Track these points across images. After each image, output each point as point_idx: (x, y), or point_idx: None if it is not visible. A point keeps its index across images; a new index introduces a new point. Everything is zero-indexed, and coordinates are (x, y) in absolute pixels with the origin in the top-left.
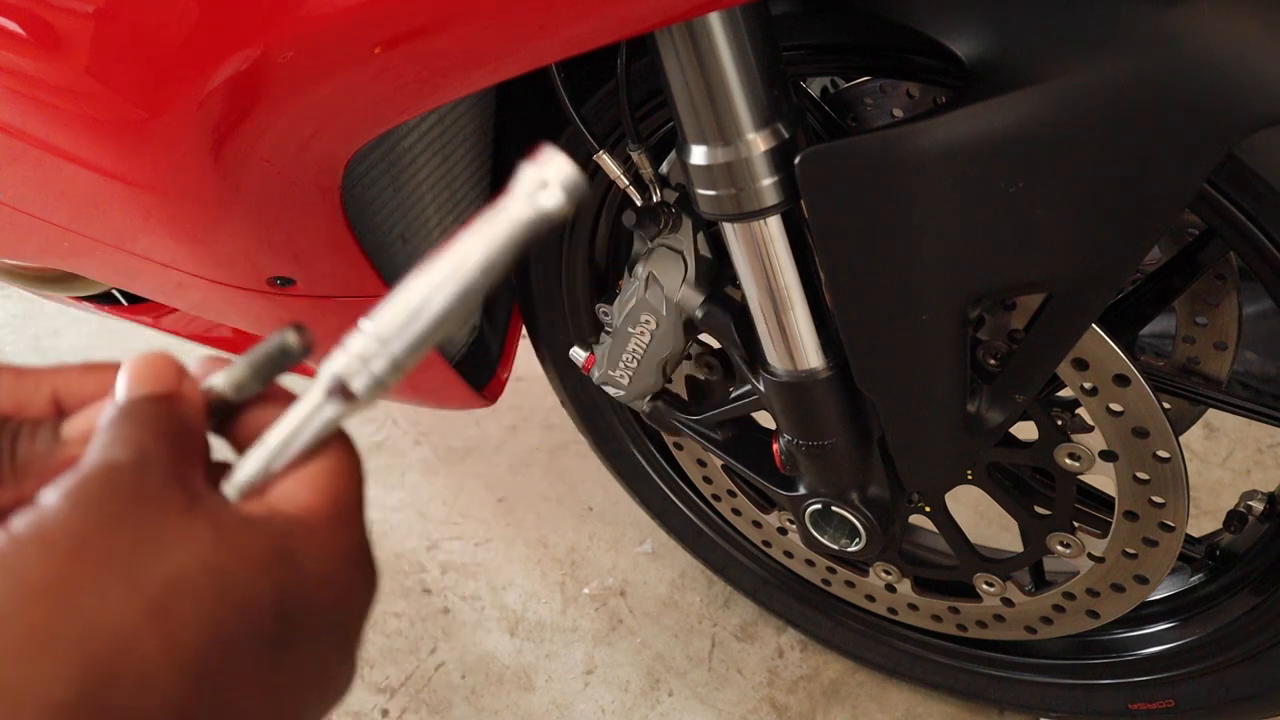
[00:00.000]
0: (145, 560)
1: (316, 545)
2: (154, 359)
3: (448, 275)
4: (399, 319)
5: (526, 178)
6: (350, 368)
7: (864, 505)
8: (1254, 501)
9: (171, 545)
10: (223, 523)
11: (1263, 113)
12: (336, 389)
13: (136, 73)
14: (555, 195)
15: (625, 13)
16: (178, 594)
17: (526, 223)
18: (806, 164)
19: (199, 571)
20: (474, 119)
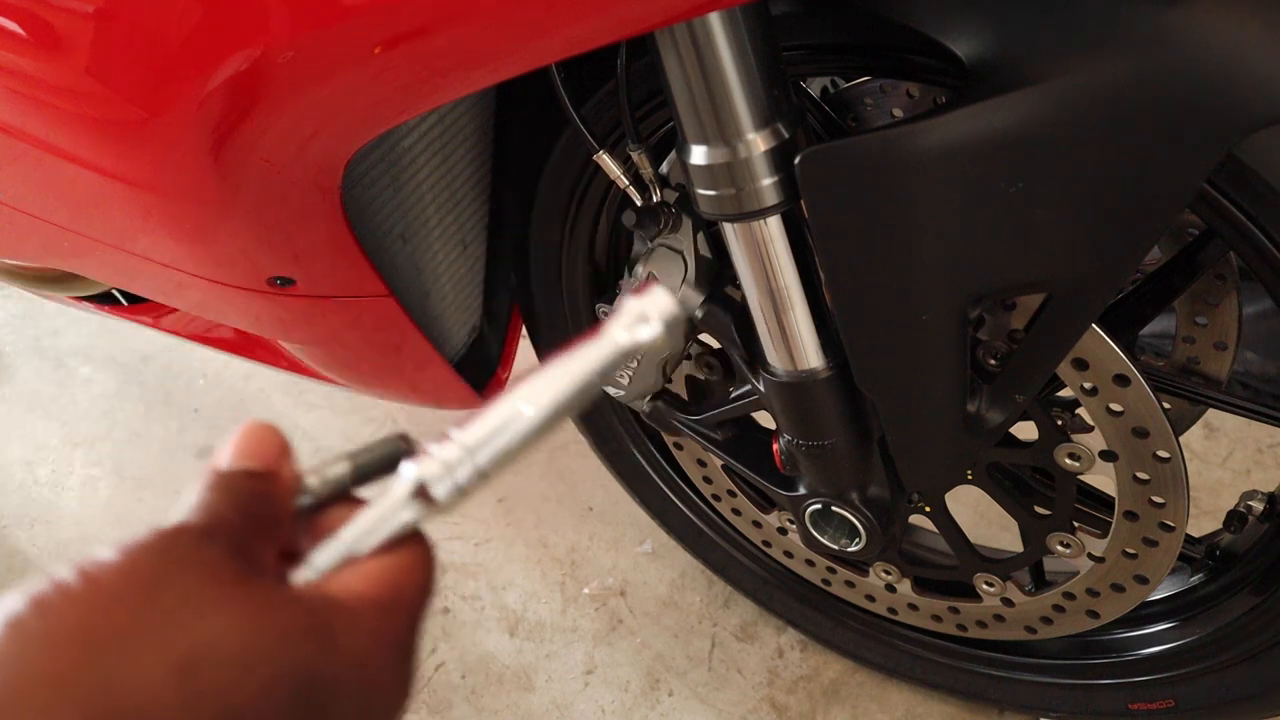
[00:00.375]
0: (181, 622)
1: (356, 629)
2: (263, 432)
3: (542, 394)
4: (488, 431)
5: (631, 309)
6: (435, 474)
7: (864, 505)
8: (1254, 501)
9: (210, 611)
10: (264, 596)
11: (1263, 113)
12: (418, 493)
13: (136, 73)
14: (655, 329)
15: (625, 13)
16: (206, 658)
17: (624, 352)
18: (806, 164)
19: (232, 639)
20: (474, 119)
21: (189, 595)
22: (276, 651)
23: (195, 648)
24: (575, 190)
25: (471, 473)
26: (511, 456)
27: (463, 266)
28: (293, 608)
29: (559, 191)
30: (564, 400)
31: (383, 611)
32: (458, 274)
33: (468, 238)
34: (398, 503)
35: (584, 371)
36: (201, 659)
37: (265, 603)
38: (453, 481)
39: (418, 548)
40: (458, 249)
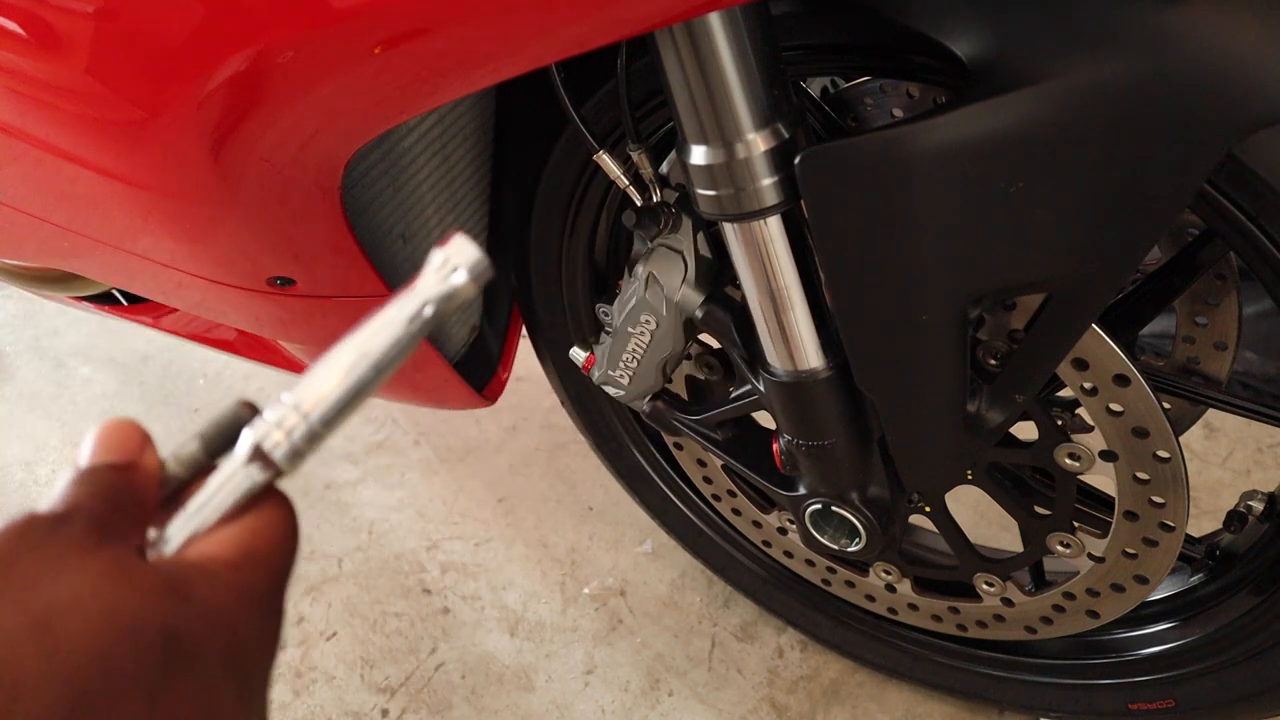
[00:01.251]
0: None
1: (212, 585)
2: (122, 427)
3: (362, 350)
4: (318, 391)
5: (435, 260)
6: (270, 437)
7: (864, 505)
8: (1254, 501)
9: (67, 574)
10: (122, 562)
11: (1263, 113)
12: (257, 456)
13: (136, 73)
14: (460, 276)
15: (625, 13)
16: (64, 614)
17: (432, 301)
18: (806, 164)
19: (89, 596)
20: (474, 119)
21: (43, 566)
22: (134, 605)
23: (51, 606)
24: (575, 190)
25: (305, 432)
26: (343, 413)
27: None
28: (148, 570)
29: (559, 191)
30: (384, 353)
31: (238, 568)
32: None
33: None
34: (237, 469)
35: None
36: (58, 615)
37: (120, 566)
38: (289, 443)
39: (272, 508)
40: None
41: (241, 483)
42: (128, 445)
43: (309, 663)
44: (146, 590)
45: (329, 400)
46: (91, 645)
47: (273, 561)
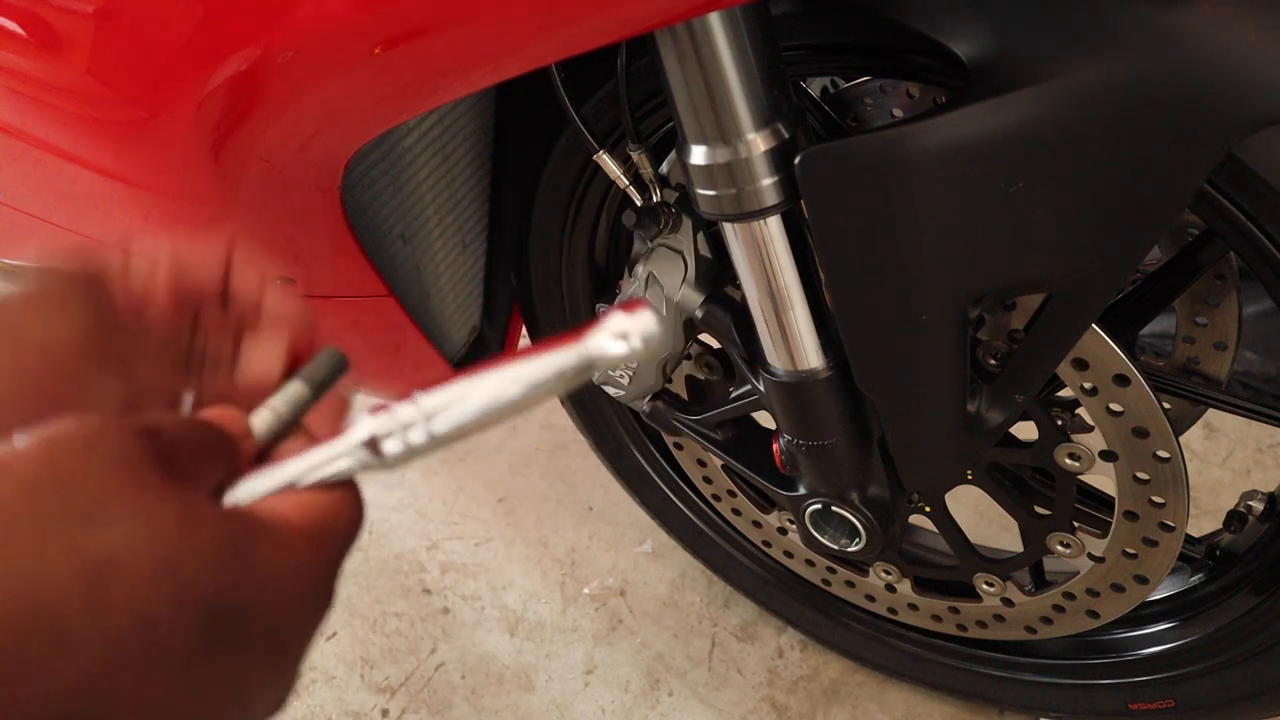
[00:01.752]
0: (94, 523)
1: (277, 551)
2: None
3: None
4: (450, 405)
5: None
6: (389, 429)
7: (864, 505)
8: (1254, 501)
9: (127, 515)
10: (188, 509)
11: (1263, 113)
12: (369, 443)
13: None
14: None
15: (625, 13)
16: (118, 565)
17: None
18: (806, 164)
19: (146, 550)
20: (474, 119)
21: (106, 495)
22: (193, 565)
23: (106, 553)
24: (575, 190)
25: (425, 436)
26: (465, 431)
27: (463, 266)
28: (216, 522)
29: (559, 191)
30: (528, 392)
31: (307, 540)
32: (458, 274)
33: (468, 238)
34: (347, 448)
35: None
36: (112, 566)
37: (187, 513)
38: (404, 440)
39: (350, 492)
40: (458, 249)
41: (344, 464)
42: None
43: (309, 663)
44: (208, 548)
45: (455, 417)
46: (138, 607)
47: (340, 543)
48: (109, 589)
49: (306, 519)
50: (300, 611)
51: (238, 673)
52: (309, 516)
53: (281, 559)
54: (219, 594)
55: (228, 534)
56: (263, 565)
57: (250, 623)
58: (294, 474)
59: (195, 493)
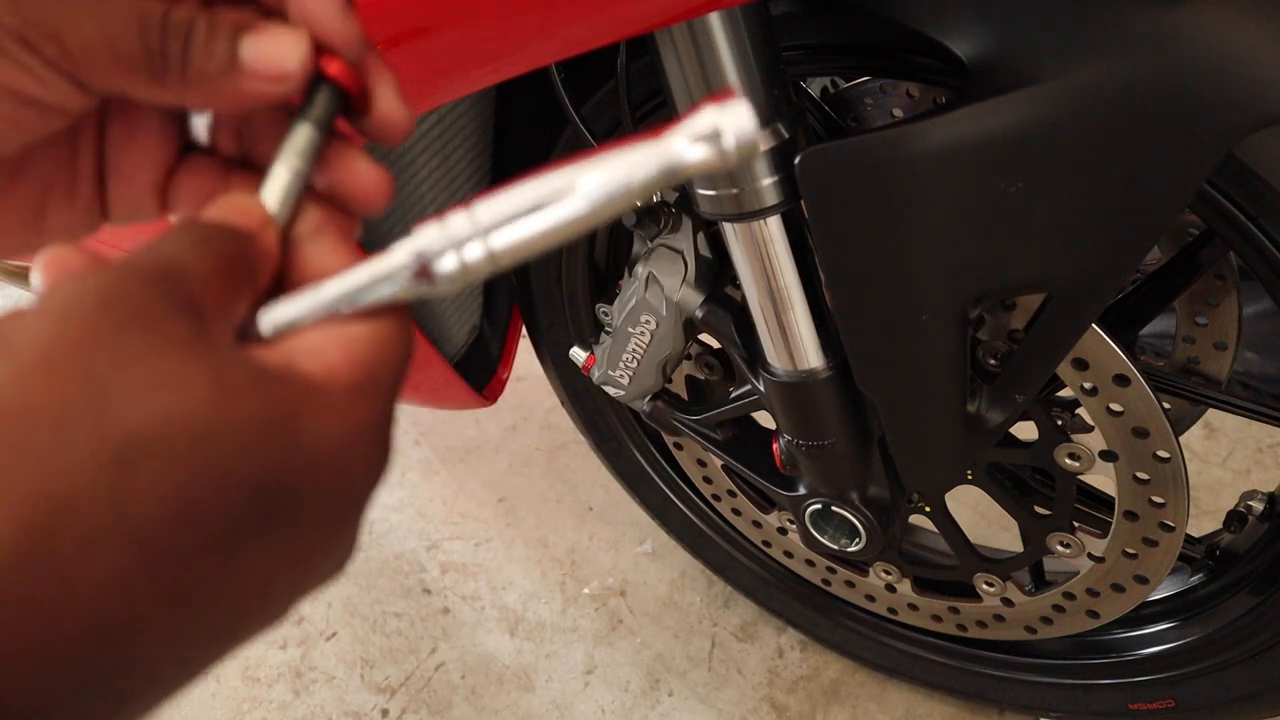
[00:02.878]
0: (123, 399)
1: (327, 419)
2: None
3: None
4: (508, 212)
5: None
6: (441, 245)
7: (864, 505)
8: (1254, 501)
9: (156, 387)
10: (224, 372)
11: (1263, 113)
12: (417, 263)
13: None
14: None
15: (625, 13)
16: (148, 452)
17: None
18: (806, 164)
19: (180, 428)
20: (474, 119)
21: (130, 363)
22: (232, 444)
23: (135, 434)
24: None
25: (480, 256)
26: (529, 248)
27: None
28: (253, 391)
29: None
30: (604, 198)
31: (359, 395)
32: None
33: None
34: (388, 271)
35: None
36: (141, 450)
37: (220, 381)
38: (458, 261)
39: (398, 320)
40: None
41: (388, 288)
42: (250, 214)
43: (309, 663)
44: (249, 424)
45: (518, 230)
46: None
47: (391, 387)
48: (138, 476)
49: (353, 365)
50: (355, 478)
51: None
52: (355, 361)
53: (331, 426)
54: (262, 475)
55: (269, 405)
56: (310, 437)
57: (300, 500)
58: (330, 297)
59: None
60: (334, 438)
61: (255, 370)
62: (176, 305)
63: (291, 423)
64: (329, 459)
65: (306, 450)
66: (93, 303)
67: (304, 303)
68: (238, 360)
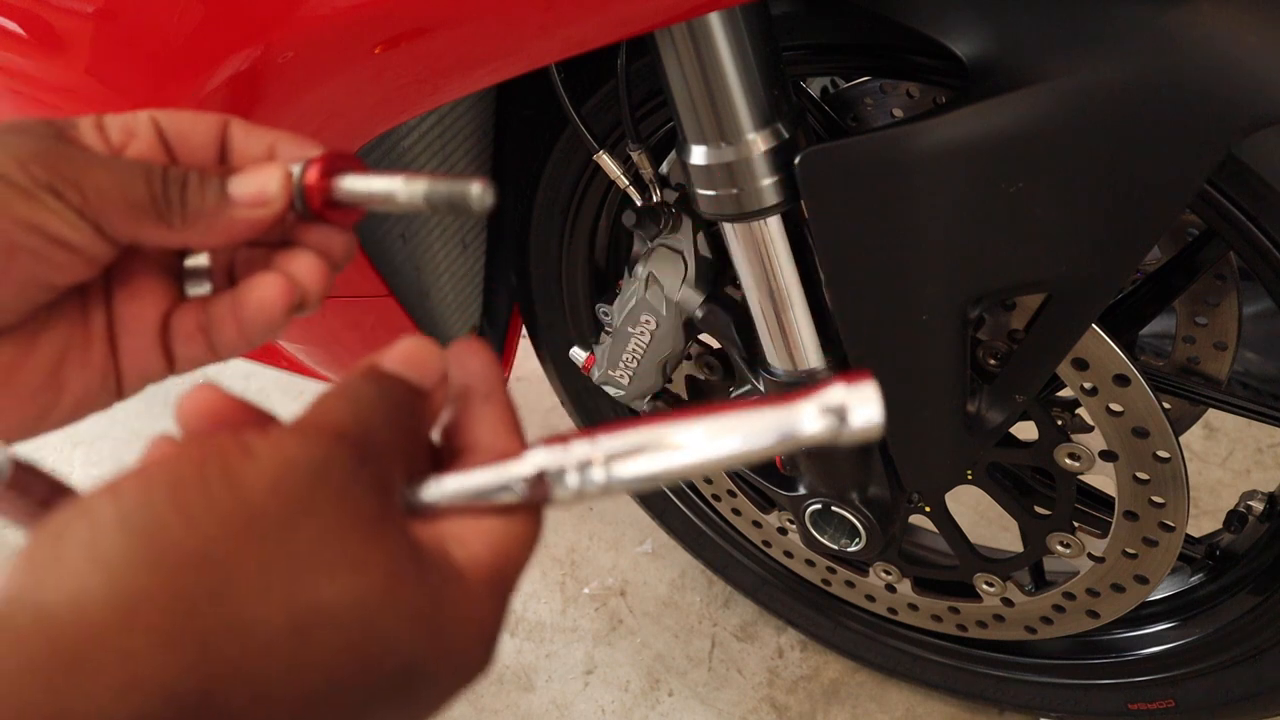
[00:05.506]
0: (313, 570)
1: (466, 613)
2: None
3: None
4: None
5: (833, 395)
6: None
7: (864, 505)
8: (1254, 501)
9: (342, 569)
10: (396, 557)
11: (1263, 113)
12: (537, 479)
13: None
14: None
15: (625, 13)
16: (326, 623)
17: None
18: (806, 164)
19: (354, 607)
20: (474, 119)
21: (328, 537)
22: (393, 630)
23: (318, 608)
24: (575, 190)
25: (598, 484)
26: (641, 485)
27: (463, 266)
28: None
29: (559, 191)
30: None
31: (492, 592)
32: (458, 274)
33: (468, 238)
34: (510, 479)
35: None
36: (321, 623)
37: (394, 567)
38: (578, 486)
39: (534, 521)
40: (458, 249)
41: (504, 494)
42: (430, 371)
43: None
44: (409, 612)
45: (640, 470)
46: (337, 668)
47: (517, 580)
48: (313, 648)
49: (494, 558)
50: (474, 667)
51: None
52: (496, 555)
53: (467, 622)
54: (408, 659)
55: (425, 594)
56: (450, 630)
57: (428, 684)
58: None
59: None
60: (468, 631)
61: (418, 555)
62: (373, 483)
63: (438, 614)
64: (461, 650)
65: (445, 641)
66: (311, 472)
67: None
68: (407, 543)
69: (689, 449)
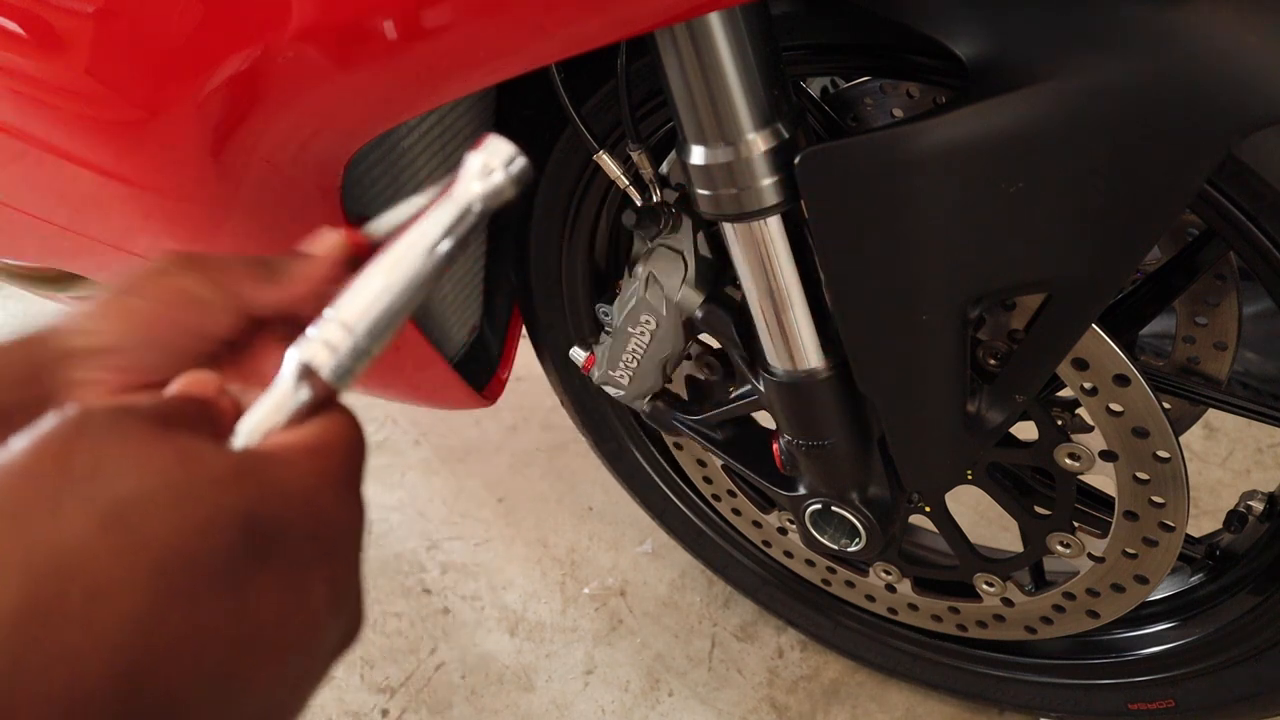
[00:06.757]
0: (104, 478)
1: (290, 470)
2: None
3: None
4: (360, 305)
5: (472, 164)
6: (318, 356)
7: (864, 505)
8: (1254, 501)
9: (131, 464)
10: (191, 447)
11: (1263, 113)
12: (305, 375)
13: (136, 73)
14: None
15: (625, 13)
16: (135, 508)
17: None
18: (806, 164)
19: (158, 486)
20: (474, 119)
21: (104, 456)
22: (208, 493)
23: (119, 499)
24: (575, 190)
25: (352, 349)
26: (389, 326)
27: (463, 266)
28: (219, 454)
29: (559, 191)
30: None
31: (314, 453)
32: (458, 274)
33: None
34: (286, 390)
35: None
36: (128, 508)
37: (189, 453)
38: (336, 360)
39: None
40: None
41: (291, 404)
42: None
43: None
44: (219, 475)
45: (373, 314)
46: (167, 538)
47: (347, 452)
48: (132, 528)
49: (302, 438)
50: (331, 519)
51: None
52: (304, 436)
53: (295, 474)
54: (244, 515)
55: (236, 463)
56: (277, 482)
57: (286, 532)
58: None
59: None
60: (300, 484)
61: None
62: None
63: (258, 471)
64: (298, 496)
65: (276, 492)
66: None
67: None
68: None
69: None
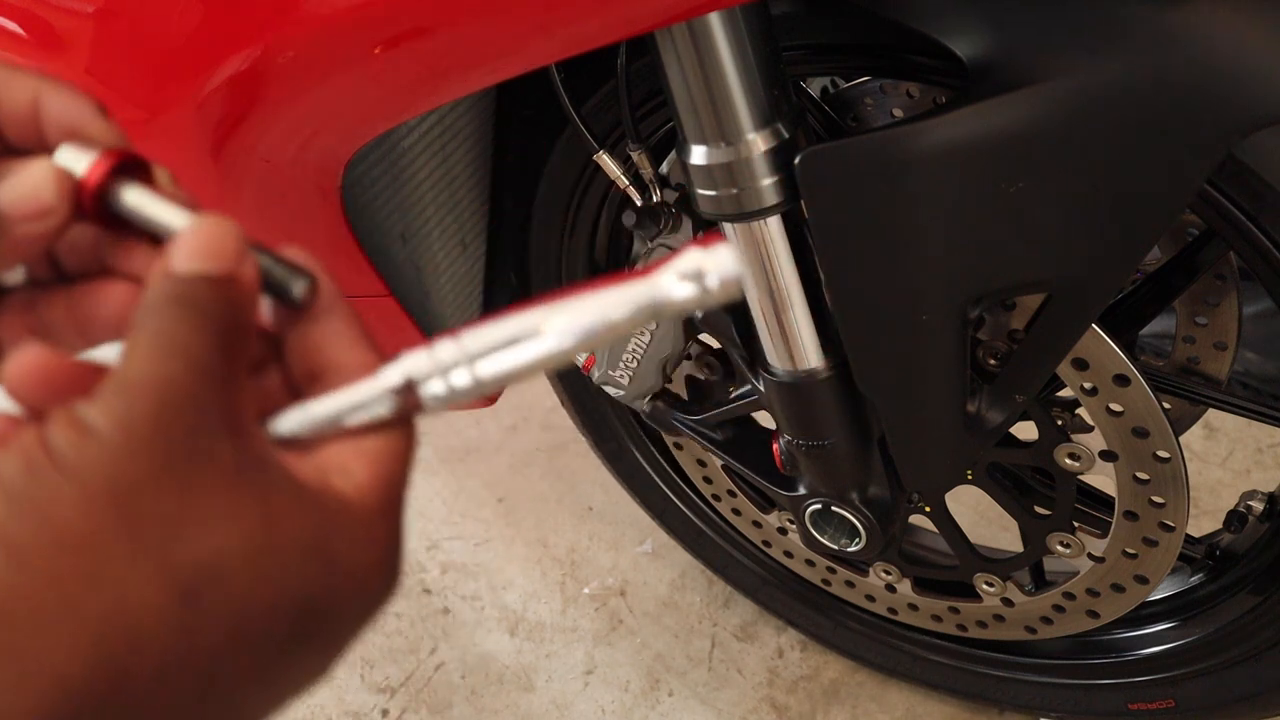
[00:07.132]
0: (187, 533)
1: (359, 539)
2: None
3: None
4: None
5: (688, 260)
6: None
7: (864, 505)
8: (1254, 501)
9: (215, 520)
10: (270, 498)
11: (1263, 113)
12: (403, 390)
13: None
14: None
15: (625, 13)
16: (212, 581)
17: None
18: (806, 164)
19: (237, 558)
20: (474, 119)
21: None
22: (280, 574)
23: (199, 568)
24: (575, 190)
25: (466, 385)
26: (513, 377)
27: (463, 266)
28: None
29: (559, 191)
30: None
31: (381, 514)
32: (458, 274)
33: (468, 238)
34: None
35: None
36: (205, 581)
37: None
38: (445, 389)
39: (410, 435)
40: (458, 249)
41: (375, 409)
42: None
43: None
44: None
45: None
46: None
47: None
48: (204, 608)
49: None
50: (379, 595)
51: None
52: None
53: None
54: (306, 599)
55: (310, 529)
56: (345, 560)
57: (335, 619)
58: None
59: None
60: (365, 559)
61: (296, 491)
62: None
63: (329, 547)
64: (361, 580)
65: (342, 573)
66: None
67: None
68: (280, 481)
69: (554, 335)
